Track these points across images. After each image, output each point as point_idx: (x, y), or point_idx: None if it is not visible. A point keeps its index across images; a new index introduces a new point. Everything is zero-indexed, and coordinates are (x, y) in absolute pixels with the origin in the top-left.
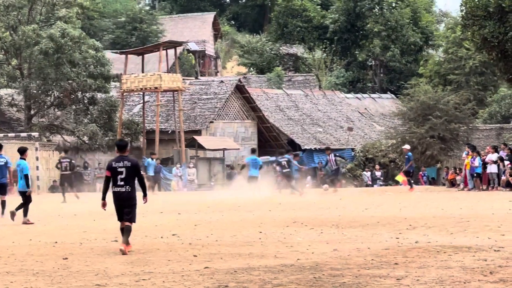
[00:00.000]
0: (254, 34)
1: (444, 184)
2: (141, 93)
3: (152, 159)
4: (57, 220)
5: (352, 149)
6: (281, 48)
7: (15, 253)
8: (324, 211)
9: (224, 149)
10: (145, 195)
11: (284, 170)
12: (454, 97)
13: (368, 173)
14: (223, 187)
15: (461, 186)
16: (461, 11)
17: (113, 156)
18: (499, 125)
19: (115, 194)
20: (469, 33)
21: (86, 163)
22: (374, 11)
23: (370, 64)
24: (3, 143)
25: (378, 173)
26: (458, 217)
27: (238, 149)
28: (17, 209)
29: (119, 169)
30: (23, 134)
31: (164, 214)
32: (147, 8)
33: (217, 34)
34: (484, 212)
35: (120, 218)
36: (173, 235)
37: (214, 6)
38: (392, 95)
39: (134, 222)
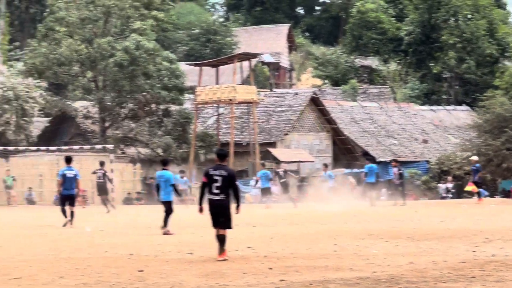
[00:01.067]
0: (329, 46)
1: None
2: (216, 105)
3: (182, 177)
4: (132, 232)
5: (427, 162)
6: (355, 60)
7: (91, 265)
8: (399, 223)
9: (299, 161)
10: (238, 206)
11: (281, 180)
12: None
13: (444, 186)
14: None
15: None
16: None
17: (187, 168)
18: None
19: (209, 201)
20: None
21: None
22: (449, 22)
23: (445, 76)
24: (78, 155)
25: (449, 185)
26: None
27: (313, 161)
28: (165, 224)
29: (215, 177)
30: (98, 146)
31: (238, 226)
32: (221, 20)
33: (292, 46)
34: None
35: (215, 225)
36: (248, 247)
37: (288, 18)
38: (468, 107)
39: (230, 228)
